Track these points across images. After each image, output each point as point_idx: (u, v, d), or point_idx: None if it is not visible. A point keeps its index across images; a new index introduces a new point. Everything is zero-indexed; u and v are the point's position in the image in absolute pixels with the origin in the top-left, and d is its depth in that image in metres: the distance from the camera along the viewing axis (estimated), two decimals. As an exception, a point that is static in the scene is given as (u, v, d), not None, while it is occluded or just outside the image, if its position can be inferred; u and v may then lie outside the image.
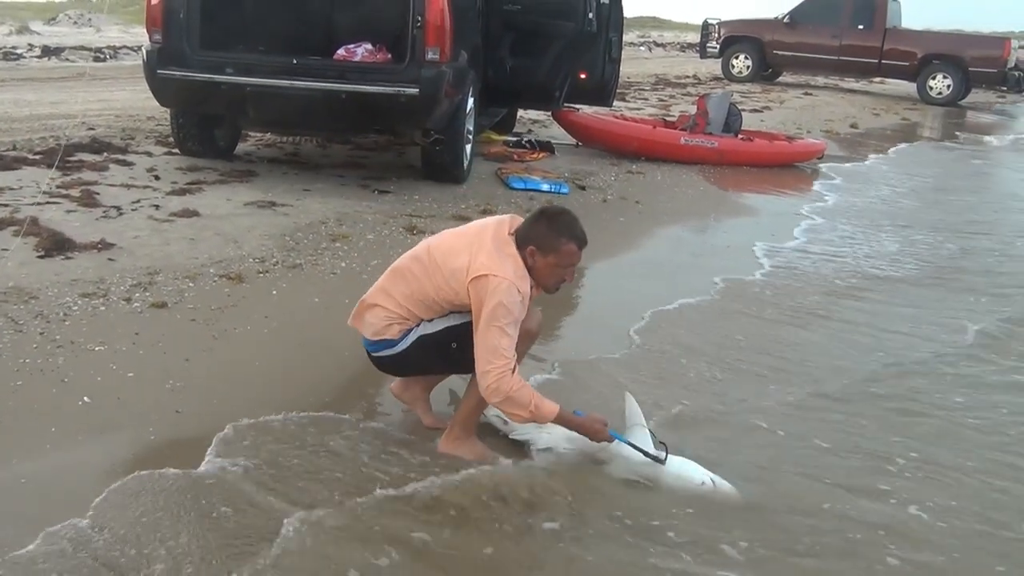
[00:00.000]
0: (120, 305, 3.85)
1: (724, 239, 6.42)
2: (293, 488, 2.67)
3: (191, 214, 5.15)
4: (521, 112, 9.87)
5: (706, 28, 19.42)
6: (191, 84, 5.85)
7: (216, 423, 2.98)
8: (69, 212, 5.02)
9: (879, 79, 19.58)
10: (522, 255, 2.84)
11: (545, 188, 6.85)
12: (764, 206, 7.56)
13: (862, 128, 13.30)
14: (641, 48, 29.05)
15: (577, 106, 8.76)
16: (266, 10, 6.60)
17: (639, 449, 2.90)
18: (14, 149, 6.45)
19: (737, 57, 18.61)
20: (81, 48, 15.67)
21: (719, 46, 18.82)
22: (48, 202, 5.12)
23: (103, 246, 4.48)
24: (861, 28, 17.38)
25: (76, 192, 5.38)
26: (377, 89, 5.76)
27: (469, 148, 6.69)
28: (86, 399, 3.09)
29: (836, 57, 17.57)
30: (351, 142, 7.66)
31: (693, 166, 8.53)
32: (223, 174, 6.16)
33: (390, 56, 6.24)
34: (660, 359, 3.98)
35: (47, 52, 14.73)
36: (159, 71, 5.82)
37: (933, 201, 8.47)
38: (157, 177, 5.98)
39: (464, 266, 2.80)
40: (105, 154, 6.47)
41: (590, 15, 7.25)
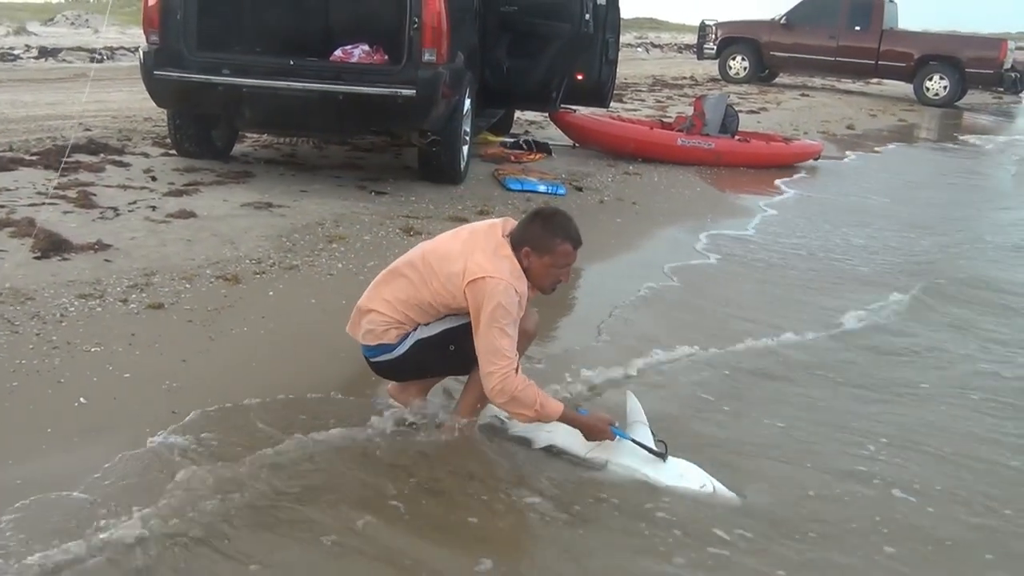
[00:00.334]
0: (116, 306, 3.85)
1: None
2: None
3: (188, 215, 5.15)
4: (518, 113, 9.87)
5: (703, 29, 19.44)
6: (188, 85, 5.85)
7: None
8: (66, 213, 5.02)
9: (876, 80, 19.63)
10: (518, 256, 2.85)
11: (542, 189, 6.86)
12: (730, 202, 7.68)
13: (859, 129, 13.32)
14: (638, 49, 29.02)
15: (574, 107, 8.76)
16: (263, 11, 6.61)
17: (642, 445, 2.92)
18: (11, 150, 6.45)
19: (734, 58, 18.62)
20: (78, 49, 15.64)
21: (716, 47, 18.83)
22: (45, 203, 5.12)
23: (100, 247, 4.48)
24: (858, 29, 17.41)
25: (73, 193, 5.38)
26: (374, 90, 5.76)
27: (466, 149, 6.69)
28: (82, 400, 3.09)
29: (833, 58, 17.61)
30: (348, 143, 7.65)
31: (690, 167, 8.55)
32: (220, 175, 6.16)
33: (387, 57, 6.25)
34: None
35: (44, 53, 14.70)
36: (156, 72, 5.82)
37: (904, 199, 8.53)
38: (154, 178, 5.98)
39: (460, 270, 2.81)
40: (102, 155, 6.46)
41: (587, 16, 7.25)
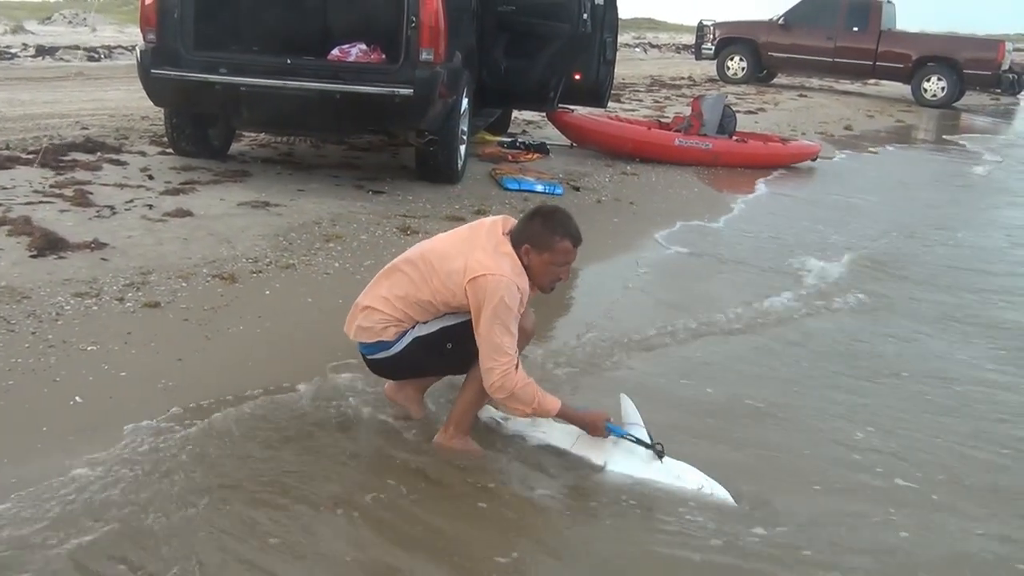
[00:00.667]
0: (113, 305, 3.84)
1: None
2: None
3: (184, 214, 5.14)
4: (516, 113, 9.87)
5: (701, 29, 19.44)
6: (185, 84, 5.84)
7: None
8: (62, 212, 5.01)
9: (874, 81, 19.64)
10: (517, 254, 2.85)
11: (539, 189, 6.86)
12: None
13: (856, 130, 13.32)
14: (636, 49, 29.05)
15: (572, 107, 8.76)
16: (260, 10, 6.59)
17: (639, 441, 2.93)
18: (7, 148, 6.43)
19: (732, 59, 18.62)
20: (76, 48, 15.63)
21: (714, 48, 18.84)
22: (41, 201, 5.11)
23: (96, 246, 4.47)
24: (856, 30, 17.41)
25: (69, 191, 5.36)
26: (371, 90, 5.75)
27: (463, 149, 6.68)
28: (78, 399, 3.09)
29: (831, 59, 17.61)
30: (345, 142, 7.65)
31: (687, 167, 8.54)
32: (217, 174, 6.15)
33: (384, 57, 6.24)
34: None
35: (41, 52, 14.70)
36: (153, 71, 5.80)
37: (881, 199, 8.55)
38: (151, 177, 5.97)
39: (461, 267, 2.81)
40: (99, 154, 6.45)
41: (584, 16, 7.25)
